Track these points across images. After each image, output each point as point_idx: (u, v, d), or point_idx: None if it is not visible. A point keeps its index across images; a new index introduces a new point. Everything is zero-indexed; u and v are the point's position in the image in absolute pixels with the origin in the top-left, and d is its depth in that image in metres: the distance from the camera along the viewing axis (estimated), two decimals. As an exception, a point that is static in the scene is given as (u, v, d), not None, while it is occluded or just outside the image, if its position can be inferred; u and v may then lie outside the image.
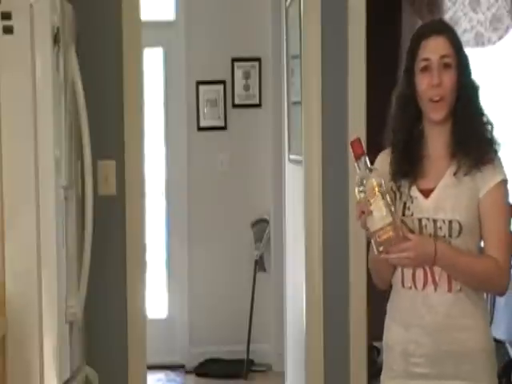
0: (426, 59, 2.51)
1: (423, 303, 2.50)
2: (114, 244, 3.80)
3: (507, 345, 4.55)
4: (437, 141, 2.57)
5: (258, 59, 6.20)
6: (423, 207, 2.52)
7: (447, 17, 5.74)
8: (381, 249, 2.41)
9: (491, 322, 4.61)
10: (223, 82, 6.21)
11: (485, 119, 2.58)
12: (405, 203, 2.54)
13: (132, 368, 3.84)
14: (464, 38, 5.75)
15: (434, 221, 2.49)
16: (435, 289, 2.49)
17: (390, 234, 2.38)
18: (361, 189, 2.40)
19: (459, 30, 5.76)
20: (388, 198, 2.39)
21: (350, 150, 2.47)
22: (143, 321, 3.88)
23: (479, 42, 5.73)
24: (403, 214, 2.52)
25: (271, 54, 6.03)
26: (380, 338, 2.69)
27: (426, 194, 2.53)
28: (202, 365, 6.13)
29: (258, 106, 6.23)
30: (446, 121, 2.55)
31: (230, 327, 6.16)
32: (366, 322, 3.93)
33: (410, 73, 2.56)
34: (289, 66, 5.04)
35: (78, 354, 3.33)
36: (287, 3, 4.96)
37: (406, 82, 2.58)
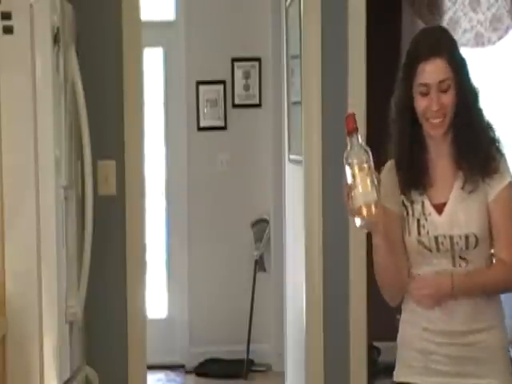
0: (425, 84, 2.47)
1: (441, 309, 2.50)
2: (114, 244, 3.80)
3: (507, 345, 4.55)
4: (439, 149, 2.55)
5: (258, 59, 6.20)
6: (438, 224, 2.51)
7: (447, 17, 5.74)
8: (362, 224, 2.39)
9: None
10: (223, 82, 6.21)
11: (486, 122, 2.56)
12: (418, 221, 2.53)
13: (132, 368, 3.84)
14: (464, 38, 5.75)
15: (451, 237, 2.49)
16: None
17: (373, 211, 2.36)
18: (349, 161, 2.38)
19: (459, 30, 5.76)
20: (375, 178, 2.36)
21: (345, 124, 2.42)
22: (143, 321, 3.88)
23: (479, 42, 5.73)
24: (419, 233, 2.52)
25: (271, 54, 6.03)
26: (380, 338, 2.70)
27: (439, 208, 2.52)
28: (202, 365, 6.13)
29: (258, 106, 6.23)
30: (447, 130, 2.53)
31: (229, 327, 6.16)
32: (365, 322, 3.93)
33: (408, 85, 2.52)
34: (289, 66, 5.04)
35: (78, 354, 3.34)
36: (287, 3, 4.96)
37: (404, 90, 2.55)
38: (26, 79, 2.89)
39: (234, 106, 6.24)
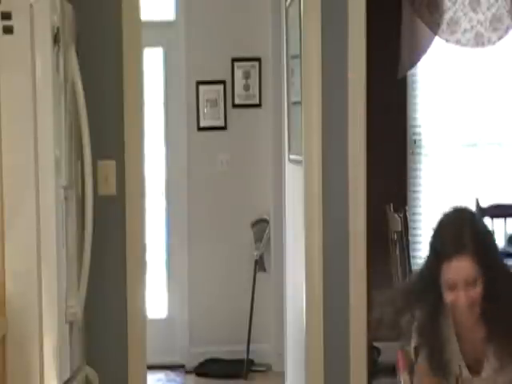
0: (452, 282, 2.48)
1: None
2: (114, 244, 3.79)
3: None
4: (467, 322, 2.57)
5: (258, 59, 6.20)
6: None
7: (447, 17, 5.74)
8: None
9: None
10: (223, 82, 6.21)
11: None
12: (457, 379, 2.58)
13: (132, 368, 3.84)
14: (464, 38, 5.75)
15: None
16: None
17: None
18: None
19: (459, 30, 5.76)
20: None
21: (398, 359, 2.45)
22: (143, 321, 3.88)
23: (479, 42, 5.73)
24: None
25: (271, 54, 6.03)
26: (380, 338, 2.70)
27: (475, 372, 2.56)
28: (201, 365, 6.13)
29: (258, 106, 6.23)
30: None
31: (229, 327, 6.16)
32: (365, 322, 3.93)
33: (435, 278, 2.52)
34: (289, 66, 5.04)
35: (78, 354, 3.33)
36: (287, 3, 4.96)
37: (431, 279, 2.55)
38: (26, 79, 2.89)
39: (234, 105, 6.23)
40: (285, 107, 5.28)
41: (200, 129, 6.22)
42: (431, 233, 2.62)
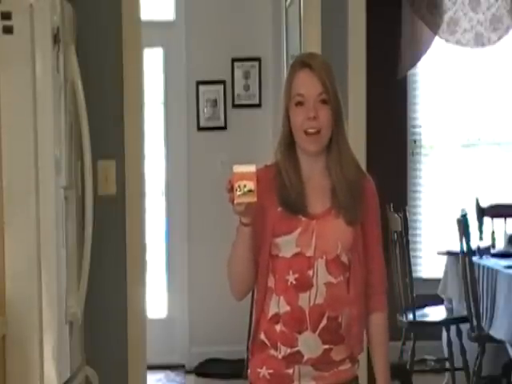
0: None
1: None
2: (114, 244, 3.80)
3: (507, 345, 4.55)
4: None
5: (258, 59, 6.20)
6: None
7: (447, 17, 5.74)
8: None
9: (491, 322, 4.60)
10: (223, 82, 6.21)
11: None
12: None
13: (132, 368, 3.84)
14: (464, 38, 5.76)
15: None
16: None
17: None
18: None
19: (459, 30, 5.77)
20: None
21: None
22: (143, 321, 3.88)
23: (479, 42, 5.73)
24: None
25: (271, 54, 6.03)
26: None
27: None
28: (202, 365, 6.13)
29: (258, 106, 6.23)
30: None
31: (229, 327, 6.14)
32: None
33: None
34: (289, 66, 5.04)
35: (78, 354, 3.34)
36: (287, 3, 4.96)
37: None
38: (26, 79, 2.89)
39: (234, 106, 6.23)
40: (285, 107, 5.28)
41: (200, 129, 6.22)
42: None
